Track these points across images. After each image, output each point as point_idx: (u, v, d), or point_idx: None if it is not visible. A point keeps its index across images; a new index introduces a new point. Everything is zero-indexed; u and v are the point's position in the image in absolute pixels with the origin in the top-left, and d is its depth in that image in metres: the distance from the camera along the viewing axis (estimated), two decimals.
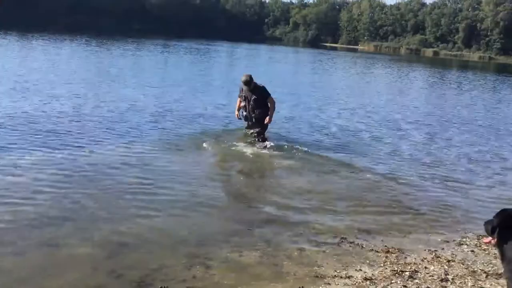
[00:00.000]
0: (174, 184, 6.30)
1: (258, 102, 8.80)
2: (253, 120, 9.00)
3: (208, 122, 10.40)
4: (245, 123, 9.21)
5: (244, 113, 9.11)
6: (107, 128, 9.03)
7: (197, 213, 5.42)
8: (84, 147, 7.64)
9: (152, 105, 11.75)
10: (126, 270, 4.01)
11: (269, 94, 8.81)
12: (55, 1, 66.13)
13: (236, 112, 9.22)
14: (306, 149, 8.56)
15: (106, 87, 14.19)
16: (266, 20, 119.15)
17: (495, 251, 4.97)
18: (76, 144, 7.75)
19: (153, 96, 13.34)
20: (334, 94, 18.03)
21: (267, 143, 8.63)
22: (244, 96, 8.95)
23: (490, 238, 3.34)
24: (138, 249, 4.42)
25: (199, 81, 18.58)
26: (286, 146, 8.65)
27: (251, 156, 8.05)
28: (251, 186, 6.89)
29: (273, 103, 8.85)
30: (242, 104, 9.08)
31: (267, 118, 8.79)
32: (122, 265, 4.09)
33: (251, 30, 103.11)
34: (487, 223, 3.36)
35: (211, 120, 10.63)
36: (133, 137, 8.58)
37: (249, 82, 8.67)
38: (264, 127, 8.93)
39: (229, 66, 30.38)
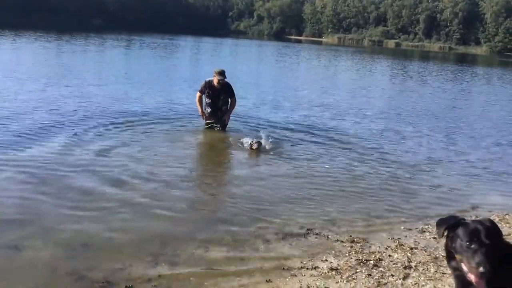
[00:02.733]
0: (136, 182, 6.16)
1: (225, 100, 9.24)
2: (219, 116, 9.23)
3: (171, 118, 10.26)
4: (206, 120, 9.23)
5: (209, 110, 9.18)
6: (64, 127, 8.74)
7: (161, 211, 5.32)
8: (41, 147, 7.39)
9: (111, 103, 11.44)
10: (88, 271, 3.91)
11: (234, 94, 9.30)
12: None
13: (203, 113, 9.21)
14: (268, 143, 8.56)
15: (63, 84, 13.82)
16: (230, 14, 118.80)
17: None
18: (33, 144, 7.46)
19: (112, 92, 13.08)
20: (299, 88, 18.12)
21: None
22: (211, 92, 9.02)
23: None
24: (101, 250, 4.32)
25: (160, 76, 18.36)
26: (249, 141, 8.60)
27: (214, 151, 8.02)
28: (215, 181, 6.84)
29: (235, 103, 9.40)
30: (208, 100, 9.12)
31: (226, 115, 9.28)
32: (84, 266, 3.98)
33: (215, 24, 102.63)
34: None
35: (174, 116, 10.49)
36: (92, 136, 8.30)
37: (224, 73, 9.04)
38: (226, 123, 9.33)
39: (191, 61, 30.12)
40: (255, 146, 7.92)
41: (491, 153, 9.38)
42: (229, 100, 9.30)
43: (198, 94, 9.22)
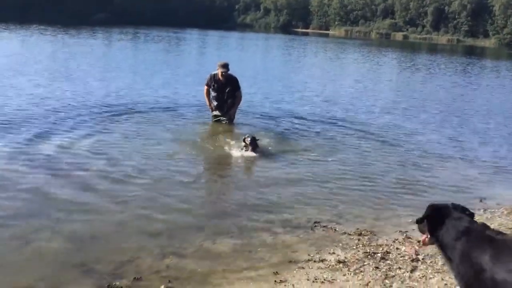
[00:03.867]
0: (143, 176, 6.18)
1: (230, 93, 9.17)
2: (225, 110, 9.25)
3: (177, 112, 10.29)
4: (214, 112, 9.25)
5: (215, 103, 9.19)
6: (71, 119, 8.83)
7: (169, 204, 5.35)
8: (48, 139, 7.44)
9: (114, 97, 11.51)
10: (97, 263, 3.94)
11: (239, 87, 9.28)
12: None
13: (210, 106, 9.25)
14: (275, 137, 8.55)
15: (68, 77, 13.88)
16: (236, 7, 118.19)
17: None
18: (40, 137, 7.52)
19: (117, 86, 13.11)
20: (306, 81, 18.07)
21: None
22: (216, 86, 9.03)
23: (424, 236, 3.19)
24: (109, 242, 4.35)
25: (167, 71, 18.38)
26: (255, 134, 8.57)
27: (222, 145, 8.00)
28: (222, 175, 6.87)
29: (240, 97, 9.36)
30: (214, 94, 9.12)
31: (232, 109, 9.26)
32: (92, 258, 4.01)
33: (221, 17, 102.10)
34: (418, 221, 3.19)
35: (180, 110, 10.51)
36: (96, 130, 8.32)
37: (227, 65, 9.03)
38: (233, 117, 9.33)
39: (198, 54, 30.08)
40: (248, 140, 7.57)
41: (500, 147, 9.32)
42: (236, 93, 9.27)
43: (205, 87, 9.28)
